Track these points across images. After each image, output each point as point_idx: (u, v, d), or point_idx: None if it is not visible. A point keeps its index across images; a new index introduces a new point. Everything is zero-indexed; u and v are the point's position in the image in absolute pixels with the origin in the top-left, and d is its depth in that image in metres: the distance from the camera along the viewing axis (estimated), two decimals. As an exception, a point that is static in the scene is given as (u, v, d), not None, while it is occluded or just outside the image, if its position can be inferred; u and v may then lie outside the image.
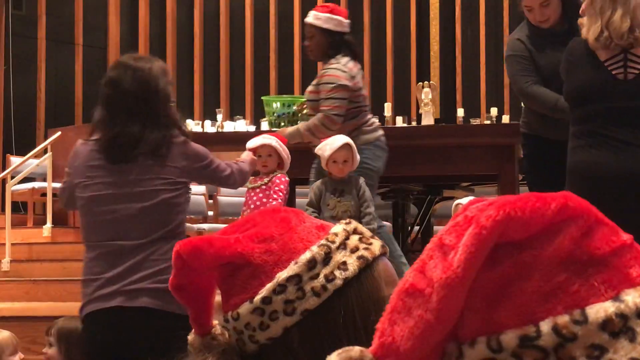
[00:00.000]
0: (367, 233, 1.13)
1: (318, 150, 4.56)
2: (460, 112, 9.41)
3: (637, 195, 3.46)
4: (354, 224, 1.13)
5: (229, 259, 1.07)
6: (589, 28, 3.52)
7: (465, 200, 4.35)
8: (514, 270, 0.79)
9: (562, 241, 0.78)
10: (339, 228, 1.11)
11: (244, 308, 1.06)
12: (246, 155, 3.94)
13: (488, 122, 8.75)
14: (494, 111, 9.17)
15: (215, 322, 1.13)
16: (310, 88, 5.06)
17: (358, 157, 4.53)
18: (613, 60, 3.53)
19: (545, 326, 0.76)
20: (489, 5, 10.81)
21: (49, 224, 8.33)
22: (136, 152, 3.04)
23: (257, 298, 1.06)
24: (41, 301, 6.48)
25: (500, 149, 5.09)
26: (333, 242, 1.09)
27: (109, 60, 10.86)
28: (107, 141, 3.07)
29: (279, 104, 5.67)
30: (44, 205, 8.86)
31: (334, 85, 4.88)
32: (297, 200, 5.97)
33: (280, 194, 4.47)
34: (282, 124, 5.48)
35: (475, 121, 8.75)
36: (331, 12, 5.02)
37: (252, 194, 4.56)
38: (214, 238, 1.08)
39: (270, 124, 5.69)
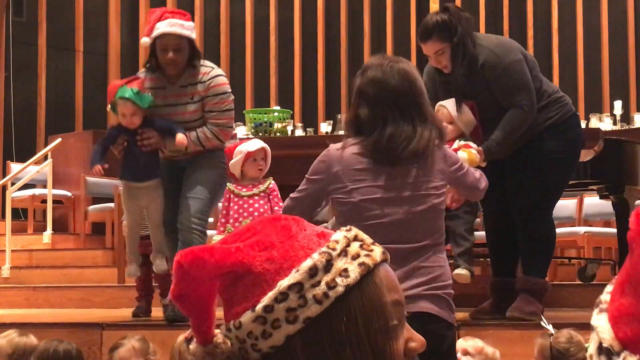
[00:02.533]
0: (368, 240, 1.12)
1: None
2: (461, 118, 9.41)
3: None
4: (355, 230, 1.13)
5: (230, 268, 1.07)
6: None
7: (448, 104, 4.31)
8: None
9: None
10: (339, 235, 1.11)
11: (246, 317, 1.06)
12: None
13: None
14: (494, 117, 9.17)
15: (217, 331, 1.13)
16: (196, 97, 4.69)
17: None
18: None
19: None
20: (489, 9, 10.81)
21: (49, 231, 8.33)
22: (406, 153, 2.91)
23: (259, 307, 1.05)
24: (41, 308, 6.47)
25: (500, 155, 5.07)
26: (334, 249, 1.08)
27: (110, 67, 10.88)
28: (377, 142, 2.94)
29: (251, 115, 5.78)
30: (44, 211, 8.86)
31: (228, 95, 4.73)
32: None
33: (281, 201, 4.47)
34: (260, 133, 5.59)
35: (475, 127, 8.77)
36: (189, 19, 4.90)
37: (252, 201, 4.53)
38: (215, 247, 1.07)
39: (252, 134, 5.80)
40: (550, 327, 3.08)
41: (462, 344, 3.37)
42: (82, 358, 3.41)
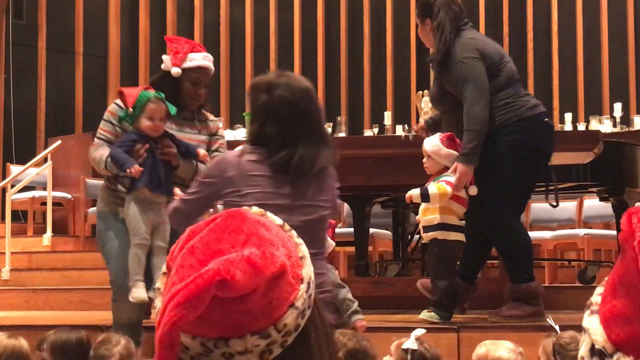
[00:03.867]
0: (287, 227, 1.20)
1: None
2: (460, 120, 9.40)
3: None
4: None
5: (274, 274, 1.06)
6: None
7: (426, 140, 4.47)
8: None
9: None
10: (279, 221, 1.19)
11: (291, 315, 1.07)
12: None
13: (488, 130, 8.75)
14: (494, 120, 9.16)
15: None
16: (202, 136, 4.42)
17: None
18: None
19: None
20: (489, 13, 10.82)
21: (49, 233, 8.33)
22: (312, 171, 3.12)
23: (299, 302, 1.07)
24: (41, 310, 6.47)
25: (500, 157, 5.07)
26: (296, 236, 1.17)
27: (110, 69, 10.88)
28: (287, 160, 3.11)
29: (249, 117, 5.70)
30: (44, 214, 8.85)
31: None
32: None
33: None
34: None
35: (475, 130, 8.76)
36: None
37: None
38: (245, 260, 1.03)
39: None
40: (557, 327, 3.10)
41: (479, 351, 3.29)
42: (91, 346, 3.43)
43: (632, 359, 0.97)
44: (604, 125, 8.51)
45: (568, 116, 9.13)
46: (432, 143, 4.46)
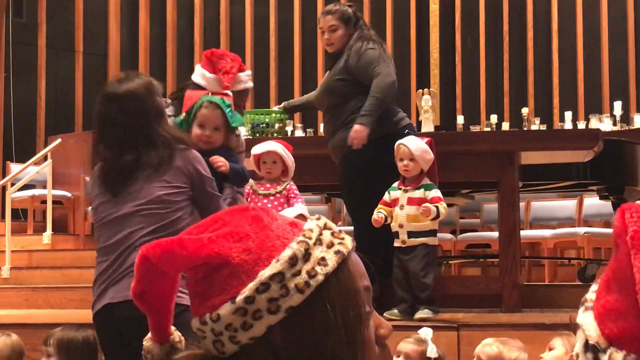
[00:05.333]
0: (336, 228, 1.13)
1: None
2: (460, 119, 9.41)
3: None
4: (323, 219, 1.13)
5: (205, 260, 1.05)
6: None
7: (409, 142, 4.56)
8: None
9: None
10: (312, 224, 1.11)
11: (225, 309, 1.05)
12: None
13: (488, 129, 8.76)
14: (493, 118, 9.18)
15: (172, 328, 1.13)
16: None
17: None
18: None
19: None
20: (489, 12, 10.81)
21: (49, 231, 8.32)
22: (135, 176, 3.06)
23: (240, 298, 1.04)
24: (41, 308, 6.47)
25: (500, 155, 5.08)
26: (310, 238, 1.08)
27: (109, 68, 10.87)
28: (103, 173, 3.12)
29: (250, 116, 5.69)
30: (44, 212, 8.85)
31: None
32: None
33: (301, 199, 4.48)
34: (257, 134, 5.53)
35: (475, 128, 8.77)
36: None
37: (266, 200, 4.48)
38: (185, 239, 1.05)
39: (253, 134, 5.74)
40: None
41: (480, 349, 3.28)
42: (98, 345, 3.43)
43: (624, 354, 0.97)
44: (604, 124, 8.51)
45: (568, 114, 9.13)
46: (419, 146, 4.53)
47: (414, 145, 4.55)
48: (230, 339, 1.06)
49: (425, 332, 3.42)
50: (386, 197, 4.66)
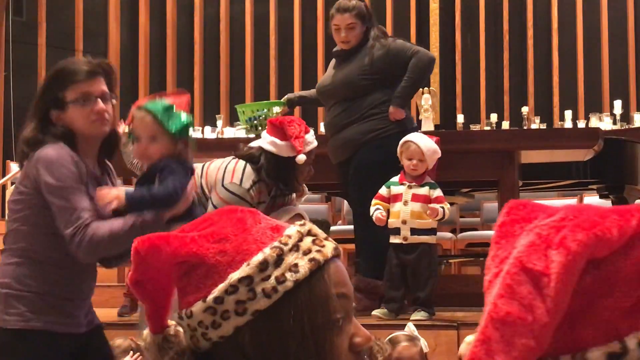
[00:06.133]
0: (322, 235, 1.14)
1: None
2: (460, 118, 9.40)
3: None
4: (309, 225, 1.14)
5: (185, 258, 1.09)
6: None
7: (418, 140, 4.51)
8: (595, 287, 0.78)
9: None
10: (292, 230, 1.13)
11: (198, 307, 1.09)
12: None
13: (488, 128, 8.75)
14: (493, 117, 9.16)
15: (170, 321, 1.15)
16: None
17: None
18: None
19: (630, 342, 0.76)
20: (489, 11, 10.81)
21: (48, 230, 8.32)
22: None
23: (210, 298, 1.08)
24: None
25: (500, 154, 5.08)
26: (286, 244, 1.10)
27: (109, 67, 10.87)
28: None
29: (246, 110, 5.69)
30: (44, 211, 8.85)
31: None
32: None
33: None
34: (260, 127, 5.51)
35: (475, 127, 8.75)
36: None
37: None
38: (171, 236, 1.09)
39: (247, 130, 5.73)
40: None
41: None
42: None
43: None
44: (604, 123, 8.50)
45: (568, 113, 9.12)
46: (429, 146, 4.48)
47: (425, 146, 4.47)
48: (202, 335, 1.10)
49: (412, 328, 3.42)
50: (384, 192, 4.58)
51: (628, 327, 0.77)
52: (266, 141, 4.12)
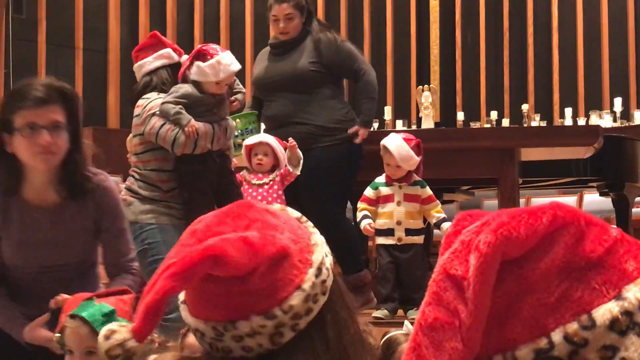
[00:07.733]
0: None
1: None
2: (460, 115, 9.42)
3: None
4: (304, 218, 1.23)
5: (274, 255, 1.08)
6: None
7: (392, 147, 4.43)
8: (517, 286, 0.80)
9: (557, 251, 0.80)
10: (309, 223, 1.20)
11: (297, 297, 1.08)
12: None
13: (488, 125, 8.76)
14: (494, 115, 9.18)
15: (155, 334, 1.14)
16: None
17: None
18: None
19: (556, 336, 0.78)
20: (489, 9, 10.81)
21: (49, 228, 8.32)
22: None
23: (307, 285, 1.09)
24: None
25: (500, 152, 5.07)
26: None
27: (109, 64, 10.88)
28: None
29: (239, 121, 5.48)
30: (44, 209, 8.86)
31: None
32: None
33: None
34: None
35: (475, 124, 8.77)
36: None
37: (260, 189, 4.47)
38: (241, 240, 1.05)
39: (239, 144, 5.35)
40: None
41: None
42: None
43: None
44: (604, 120, 8.52)
45: (568, 111, 9.14)
46: (403, 156, 4.34)
47: (399, 155, 4.34)
48: (291, 328, 1.09)
49: (410, 327, 3.40)
50: (370, 194, 4.43)
51: (554, 322, 0.78)
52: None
